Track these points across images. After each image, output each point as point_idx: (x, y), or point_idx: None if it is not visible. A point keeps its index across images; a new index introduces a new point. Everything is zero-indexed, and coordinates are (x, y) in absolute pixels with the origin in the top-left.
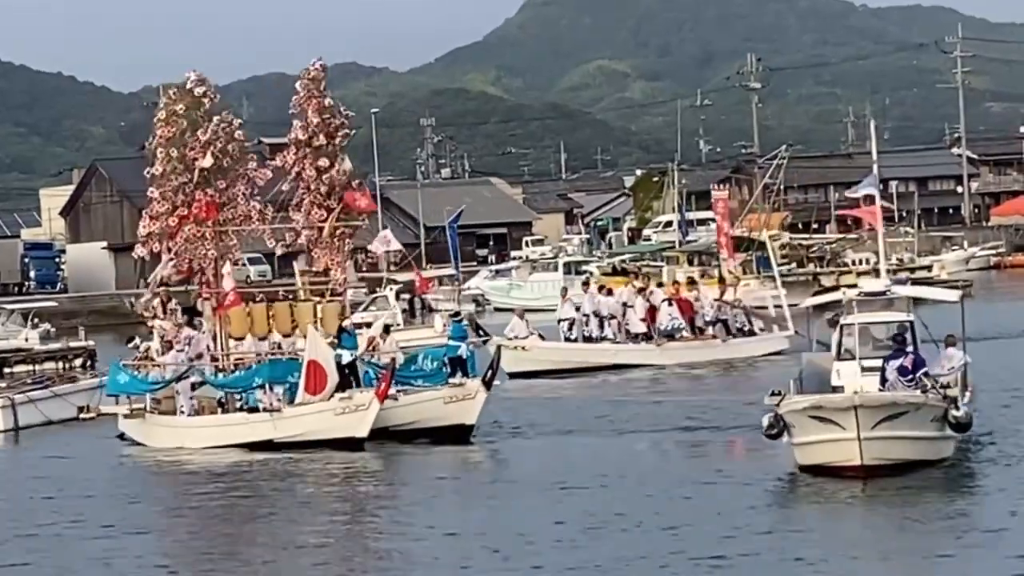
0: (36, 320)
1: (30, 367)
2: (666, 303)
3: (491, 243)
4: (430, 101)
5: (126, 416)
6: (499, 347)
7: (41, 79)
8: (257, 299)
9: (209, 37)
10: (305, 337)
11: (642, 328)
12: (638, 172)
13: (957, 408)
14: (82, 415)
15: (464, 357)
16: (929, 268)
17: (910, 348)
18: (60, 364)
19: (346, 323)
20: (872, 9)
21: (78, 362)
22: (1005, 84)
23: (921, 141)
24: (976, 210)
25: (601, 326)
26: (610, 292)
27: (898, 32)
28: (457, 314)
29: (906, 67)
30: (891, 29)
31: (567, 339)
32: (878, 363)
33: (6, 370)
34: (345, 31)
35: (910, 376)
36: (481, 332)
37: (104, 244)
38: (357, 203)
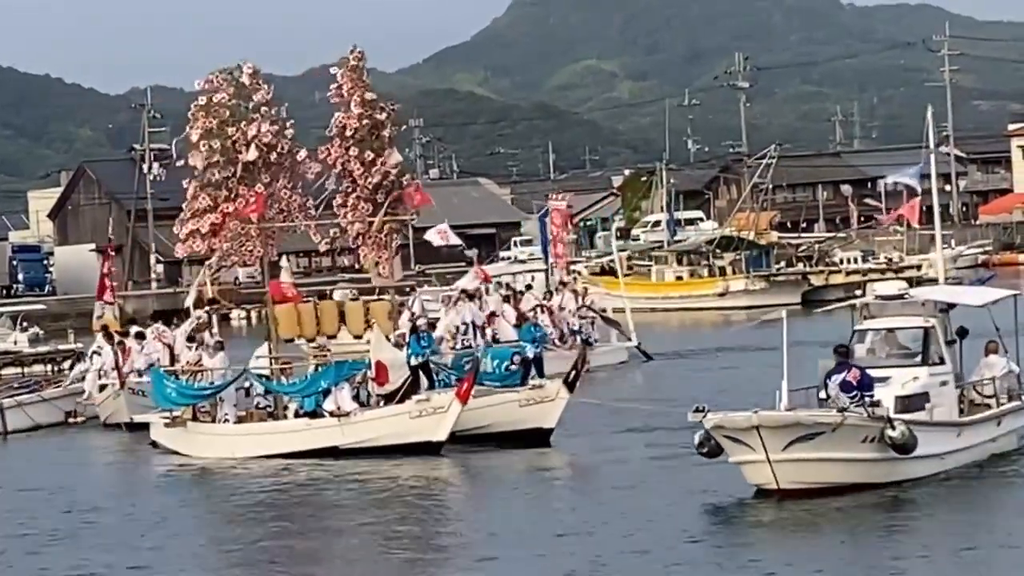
0: (24, 323)
1: (18, 370)
2: (538, 310)
3: (480, 243)
4: (418, 101)
5: (166, 425)
6: (583, 347)
7: (28, 81)
8: (305, 298)
9: (197, 39)
10: (357, 337)
11: (514, 336)
12: (626, 172)
13: (893, 428)
14: (70, 419)
15: (533, 358)
16: (919, 267)
17: (855, 362)
18: (49, 367)
19: (420, 322)
20: (859, 8)
21: (67, 364)
22: (992, 82)
23: (909, 140)
24: (964, 208)
25: (475, 335)
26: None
27: (885, 31)
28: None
29: (893, 66)
30: (878, 28)
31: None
32: (886, 373)
33: None
34: (332, 32)
35: (854, 392)
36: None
37: (92, 246)
38: (414, 198)
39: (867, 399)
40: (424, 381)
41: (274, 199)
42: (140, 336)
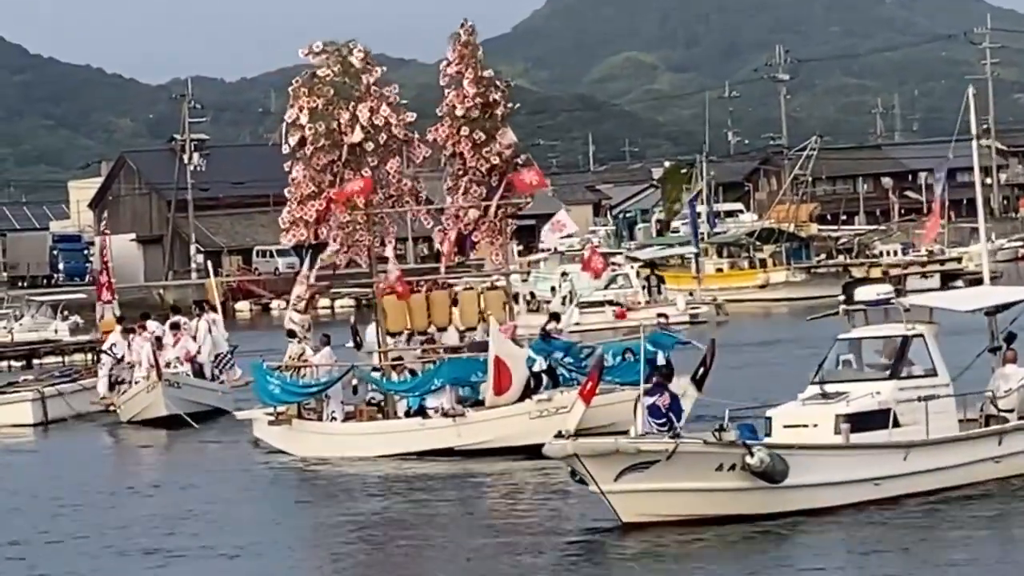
0: (65, 312)
1: (59, 359)
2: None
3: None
4: None
5: (271, 423)
6: (712, 341)
7: (69, 71)
8: (415, 288)
9: (237, 30)
10: (466, 329)
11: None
12: (666, 164)
13: (751, 454)
14: (110, 408)
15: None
16: (959, 260)
17: (671, 385)
18: (89, 356)
19: (550, 326)
20: (900, 0)
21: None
22: None
23: (949, 132)
24: (1005, 202)
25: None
26: None
27: (926, 23)
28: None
29: (934, 58)
30: (919, 20)
31: None
32: (842, 388)
33: (35, 362)
34: (373, 23)
35: (663, 419)
36: (357, 339)
37: (132, 236)
38: (527, 182)
39: (678, 428)
40: (545, 380)
41: (383, 183)
42: (175, 327)
